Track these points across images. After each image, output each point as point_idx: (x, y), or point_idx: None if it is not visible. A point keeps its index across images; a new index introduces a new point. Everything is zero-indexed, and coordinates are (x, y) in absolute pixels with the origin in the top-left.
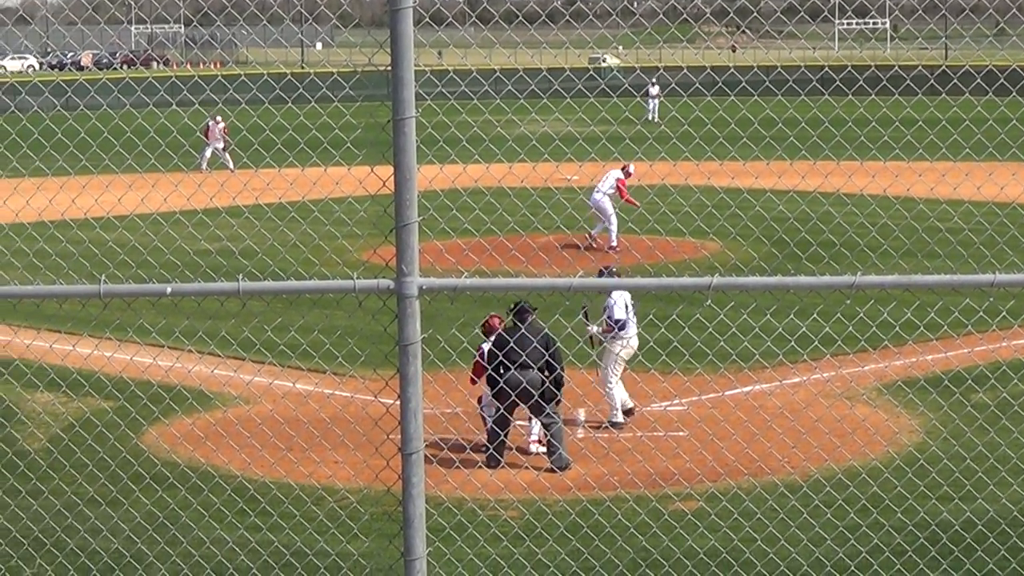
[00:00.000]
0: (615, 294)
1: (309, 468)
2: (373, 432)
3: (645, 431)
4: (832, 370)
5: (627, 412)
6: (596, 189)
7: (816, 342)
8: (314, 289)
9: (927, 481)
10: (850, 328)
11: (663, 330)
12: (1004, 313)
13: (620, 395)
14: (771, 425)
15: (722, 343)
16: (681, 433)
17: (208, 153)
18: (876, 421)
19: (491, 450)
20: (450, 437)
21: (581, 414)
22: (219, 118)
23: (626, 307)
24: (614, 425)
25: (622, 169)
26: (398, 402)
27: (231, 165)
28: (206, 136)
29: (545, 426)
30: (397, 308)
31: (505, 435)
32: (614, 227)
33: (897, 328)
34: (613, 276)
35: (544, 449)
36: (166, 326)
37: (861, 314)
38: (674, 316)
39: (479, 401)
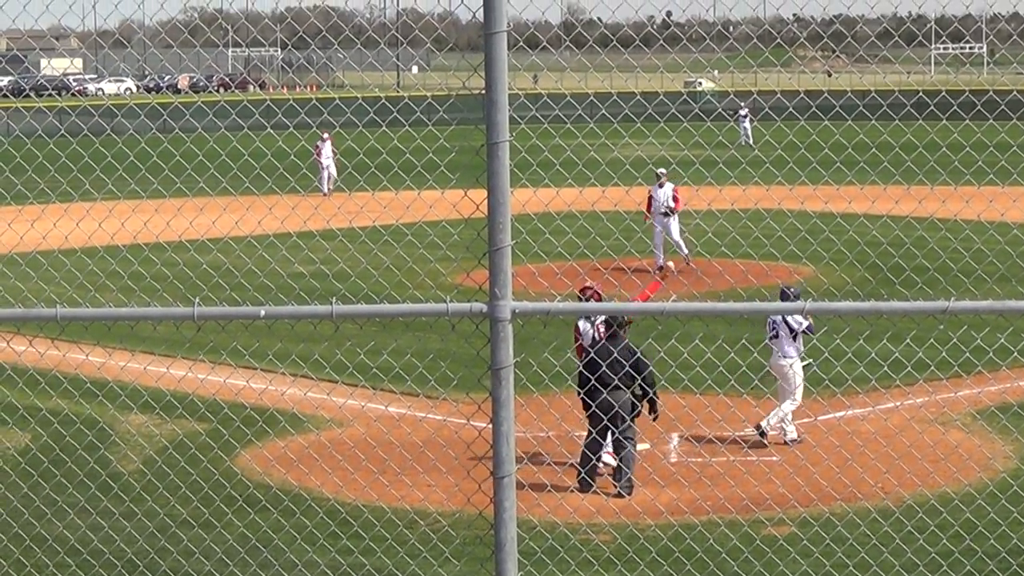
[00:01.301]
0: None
1: (401, 491)
2: (465, 455)
3: (737, 456)
4: (925, 395)
5: (762, 434)
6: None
7: (909, 367)
8: (407, 312)
9: (1021, 508)
10: (943, 353)
11: (756, 354)
12: None
13: (779, 414)
14: (863, 450)
15: (815, 368)
16: (773, 458)
17: (325, 174)
18: (969, 447)
19: (583, 473)
20: (542, 461)
21: (674, 439)
22: (326, 134)
23: (771, 325)
24: (762, 434)
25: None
26: (490, 426)
27: (325, 187)
28: (318, 156)
29: (618, 446)
30: (490, 331)
31: (597, 459)
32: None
33: (991, 354)
34: (794, 298)
35: (612, 462)
36: (259, 348)
37: (954, 339)
38: (767, 341)
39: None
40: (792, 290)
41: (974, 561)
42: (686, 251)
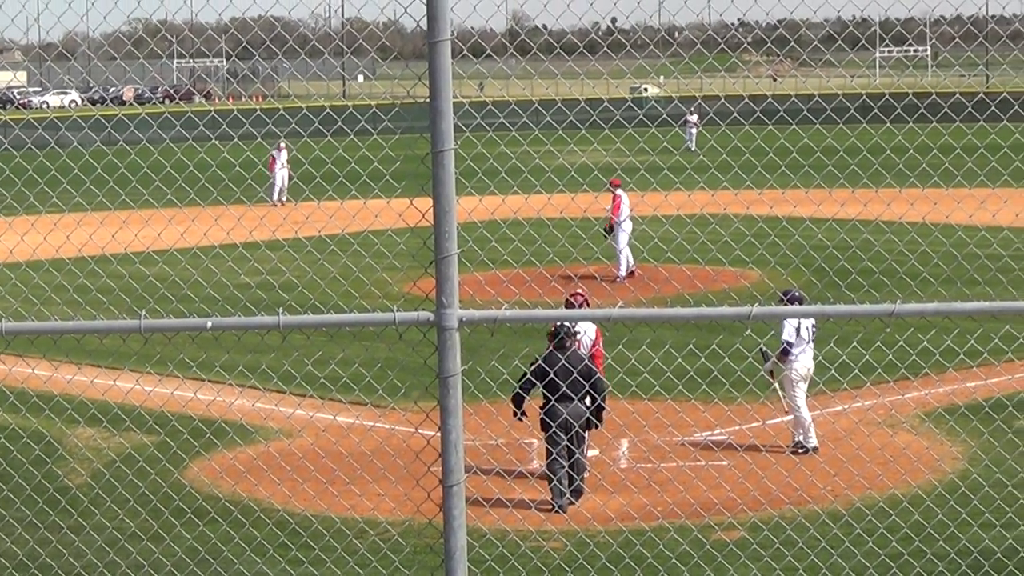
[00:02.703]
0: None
1: (351, 501)
2: (414, 465)
3: (687, 460)
4: (873, 398)
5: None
6: (629, 217)
7: (856, 370)
8: (354, 322)
9: (969, 508)
10: (890, 356)
11: (703, 360)
12: None
13: (808, 417)
14: (812, 454)
15: (763, 372)
16: (723, 462)
17: (279, 184)
18: (918, 449)
19: (555, 501)
20: (491, 469)
21: (623, 445)
22: (282, 144)
23: (798, 329)
24: (814, 450)
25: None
26: (439, 434)
27: (274, 197)
28: (271, 168)
29: (568, 453)
30: (437, 340)
31: (558, 479)
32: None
33: (937, 355)
34: (797, 302)
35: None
36: (207, 360)
37: (901, 342)
38: (714, 346)
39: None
40: (795, 293)
41: (923, 563)
42: (623, 270)
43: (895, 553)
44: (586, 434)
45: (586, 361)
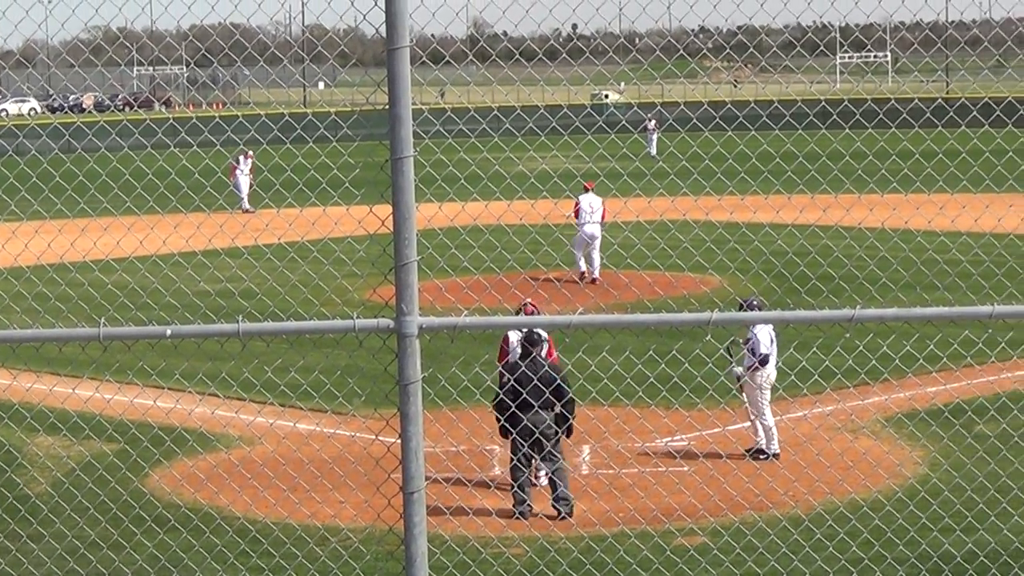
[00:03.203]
0: (758, 328)
1: (311, 508)
2: (375, 471)
3: (647, 467)
4: (833, 403)
5: (751, 450)
6: (590, 222)
7: (816, 376)
8: (314, 329)
9: (929, 513)
10: (850, 361)
11: (663, 365)
12: (1003, 344)
13: (772, 423)
14: (772, 459)
15: (722, 378)
16: (683, 468)
17: (245, 189)
18: (878, 454)
19: (517, 505)
20: (452, 475)
21: (584, 451)
22: (249, 152)
23: (771, 340)
24: (775, 456)
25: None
26: (399, 441)
27: (244, 205)
28: (231, 175)
29: (551, 481)
30: (397, 347)
31: (520, 485)
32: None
33: (897, 361)
34: (755, 309)
35: (545, 482)
36: (166, 368)
37: (861, 347)
38: (674, 352)
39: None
40: (754, 301)
41: (884, 567)
42: (580, 265)
43: (856, 558)
44: (555, 443)
45: (546, 368)
